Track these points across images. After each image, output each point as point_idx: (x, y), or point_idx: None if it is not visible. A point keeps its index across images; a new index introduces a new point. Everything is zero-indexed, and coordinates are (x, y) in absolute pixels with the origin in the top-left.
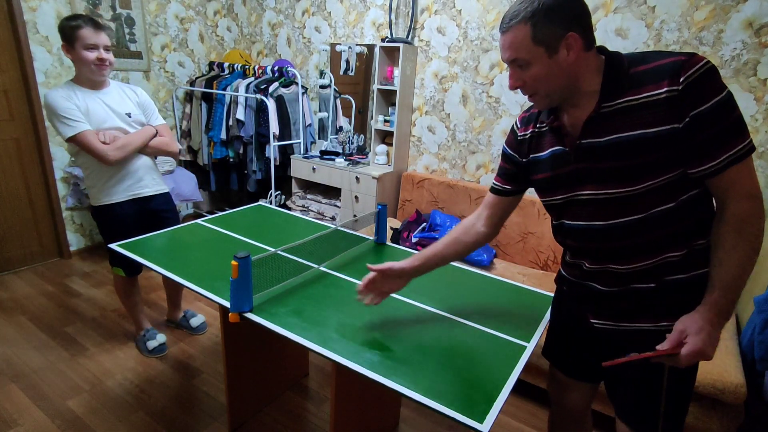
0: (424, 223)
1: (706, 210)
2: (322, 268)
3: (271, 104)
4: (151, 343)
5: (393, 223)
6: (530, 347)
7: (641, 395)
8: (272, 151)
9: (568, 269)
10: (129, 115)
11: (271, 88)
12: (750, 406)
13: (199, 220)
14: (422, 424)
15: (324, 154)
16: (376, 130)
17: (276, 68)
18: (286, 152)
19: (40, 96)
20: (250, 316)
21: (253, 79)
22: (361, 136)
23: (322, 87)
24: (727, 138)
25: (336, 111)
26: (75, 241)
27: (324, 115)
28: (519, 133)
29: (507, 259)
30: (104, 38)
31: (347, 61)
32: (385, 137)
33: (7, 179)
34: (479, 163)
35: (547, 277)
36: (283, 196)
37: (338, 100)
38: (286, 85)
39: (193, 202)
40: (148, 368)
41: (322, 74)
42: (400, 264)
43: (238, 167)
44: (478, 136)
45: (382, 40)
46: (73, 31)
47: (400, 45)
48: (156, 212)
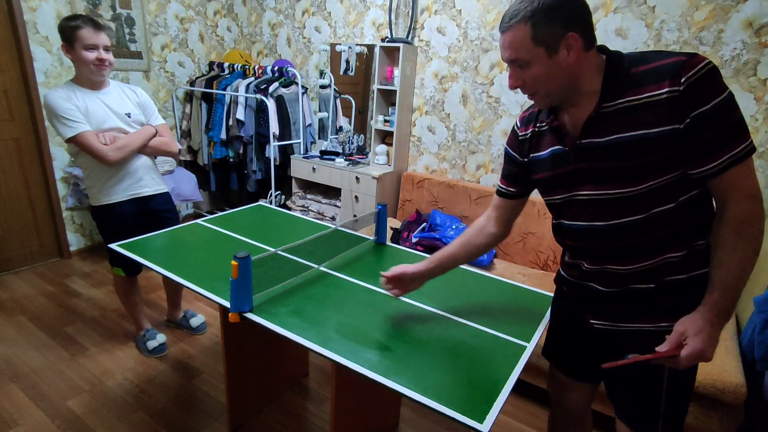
0: (424, 223)
1: (706, 210)
2: (322, 268)
3: (271, 104)
4: (151, 343)
5: (393, 223)
6: (530, 347)
7: (641, 395)
8: (272, 151)
9: (568, 269)
10: (129, 115)
11: (271, 88)
12: (750, 406)
13: (199, 220)
14: (422, 424)
15: (324, 154)
16: (376, 130)
17: (276, 68)
18: (286, 152)
19: (40, 96)
20: (250, 316)
21: (253, 79)
22: (361, 136)
23: (322, 87)
24: (728, 139)
25: (336, 111)
26: (75, 241)
27: (324, 115)
28: (519, 133)
29: (507, 259)
30: (104, 38)
31: (347, 61)
32: (385, 137)
33: (7, 179)
34: (479, 163)
35: (547, 277)
36: (283, 196)
37: (338, 100)
38: (286, 85)
39: (193, 202)
40: (148, 368)
41: (322, 74)
42: (413, 268)
43: (238, 167)
44: (478, 136)
45: (382, 40)
46: (73, 32)
47: (400, 45)
48: (156, 212)
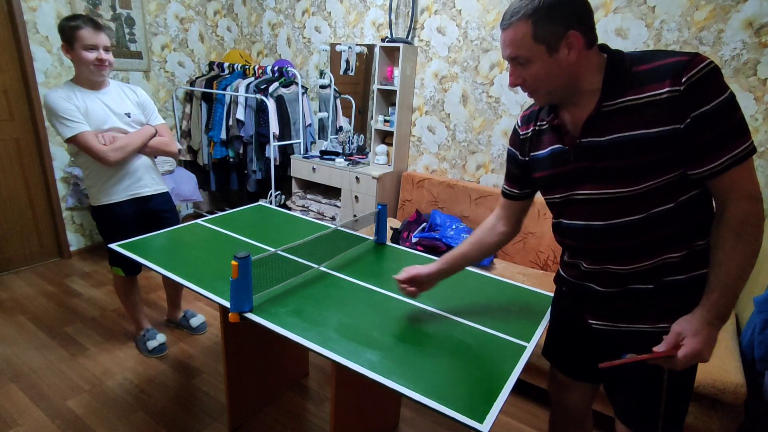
0: (424, 223)
1: (706, 211)
2: (322, 268)
3: (271, 104)
4: (151, 343)
5: (393, 223)
6: (530, 347)
7: (641, 396)
8: (272, 151)
9: (567, 269)
10: (128, 115)
11: (271, 88)
12: (750, 406)
13: (199, 220)
14: (422, 424)
15: (324, 154)
16: (376, 130)
17: (276, 68)
18: (286, 152)
19: (40, 96)
20: (250, 316)
21: (253, 79)
22: (361, 136)
23: (322, 87)
24: (729, 139)
25: (336, 111)
26: (75, 241)
27: (324, 115)
28: (521, 132)
29: (507, 259)
30: (104, 39)
31: (347, 61)
32: (385, 137)
33: (7, 179)
34: (479, 163)
35: (547, 277)
36: (283, 196)
37: (338, 100)
38: (286, 85)
39: (193, 202)
40: (148, 368)
41: (322, 74)
42: (425, 270)
43: (238, 167)
44: (478, 136)
45: (382, 40)
46: (73, 32)
47: (400, 45)
48: (155, 212)
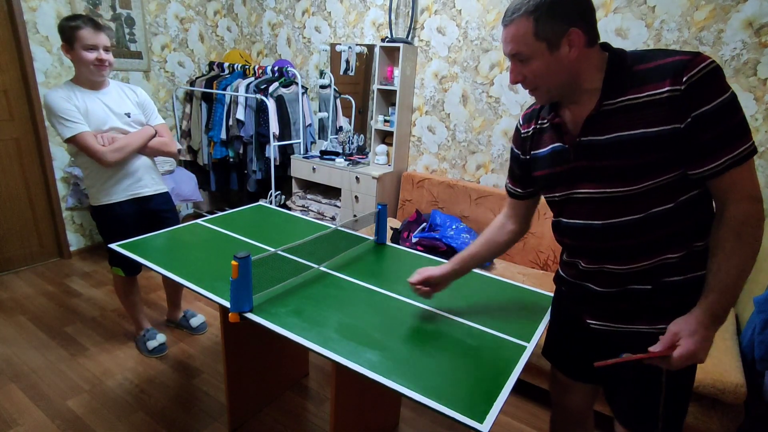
0: (424, 223)
1: (706, 211)
2: (322, 268)
3: (271, 104)
4: (151, 343)
5: (393, 223)
6: (530, 347)
7: (639, 397)
8: (272, 151)
9: (566, 269)
10: (128, 115)
11: (271, 88)
12: (750, 406)
13: (199, 220)
14: (422, 424)
15: (324, 154)
16: (376, 130)
17: (276, 68)
18: (286, 152)
19: (40, 96)
20: (250, 316)
21: (253, 79)
22: (361, 136)
23: (322, 87)
24: (730, 139)
25: (336, 111)
26: (75, 241)
27: (324, 115)
28: (522, 131)
29: (507, 259)
30: (104, 39)
31: (347, 61)
32: (385, 137)
33: (7, 179)
34: (479, 163)
35: (547, 277)
36: (283, 196)
37: (338, 100)
38: (286, 85)
39: (193, 202)
40: (148, 368)
41: (322, 74)
42: (438, 271)
43: (238, 167)
44: (478, 136)
45: (382, 40)
46: (73, 32)
47: (400, 45)
48: (155, 212)
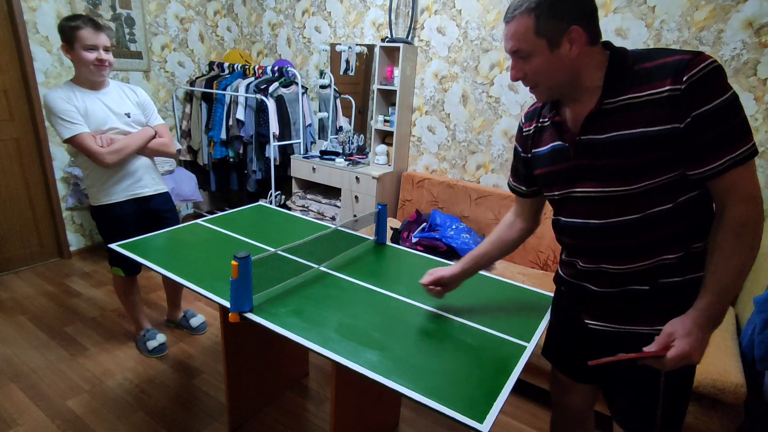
0: (424, 223)
1: (706, 212)
2: (322, 268)
3: (271, 104)
4: (151, 343)
5: (393, 223)
6: (530, 347)
7: (638, 398)
8: (272, 151)
9: (564, 268)
10: (128, 116)
11: (271, 88)
12: (750, 406)
13: (199, 220)
14: (422, 424)
15: (324, 154)
16: (376, 130)
17: (276, 68)
18: (286, 152)
19: (40, 96)
20: (250, 316)
21: (253, 79)
22: (361, 136)
23: (322, 87)
24: (730, 139)
25: (336, 111)
26: (75, 241)
27: (324, 115)
28: (524, 129)
29: (507, 259)
30: (104, 39)
31: (347, 61)
32: (385, 137)
33: (7, 179)
34: (479, 163)
35: (547, 277)
36: (283, 196)
37: (338, 100)
38: (286, 85)
39: (193, 202)
40: (148, 368)
41: (322, 74)
42: (449, 271)
43: (238, 167)
44: (478, 136)
45: (382, 40)
46: (73, 32)
47: (400, 45)
48: (155, 212)
